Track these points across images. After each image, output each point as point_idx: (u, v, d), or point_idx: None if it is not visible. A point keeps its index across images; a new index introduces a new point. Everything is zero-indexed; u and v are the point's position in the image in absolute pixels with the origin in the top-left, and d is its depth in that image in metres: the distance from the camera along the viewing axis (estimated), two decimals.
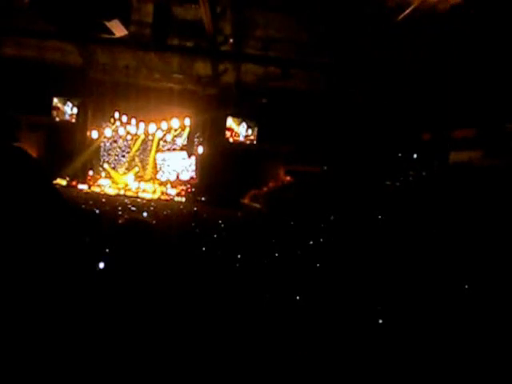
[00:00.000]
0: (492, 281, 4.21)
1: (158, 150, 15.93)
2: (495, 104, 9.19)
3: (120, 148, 15.93)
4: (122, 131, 15.45)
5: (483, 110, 9.47)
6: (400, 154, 11.70)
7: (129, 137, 15.75)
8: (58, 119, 14.82)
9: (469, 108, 9.67)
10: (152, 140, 15.80)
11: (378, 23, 10.08)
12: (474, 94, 9.39)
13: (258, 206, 12.27)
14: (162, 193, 15.23)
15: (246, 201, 13.42)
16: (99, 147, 15.72)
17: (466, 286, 4.11)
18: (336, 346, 3.02)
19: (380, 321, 3.40)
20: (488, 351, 2.80)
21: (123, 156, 15.94)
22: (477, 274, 4.39)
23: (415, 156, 11.46)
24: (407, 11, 9.71)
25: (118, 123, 15.25)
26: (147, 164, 15.95)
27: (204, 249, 5.15)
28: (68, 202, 1.31)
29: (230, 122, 14.90)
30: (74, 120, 14.90)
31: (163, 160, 15.93)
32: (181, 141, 15.82)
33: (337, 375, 2.74)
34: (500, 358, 2.71)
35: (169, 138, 15.72)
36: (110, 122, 15.26)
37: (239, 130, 14.95)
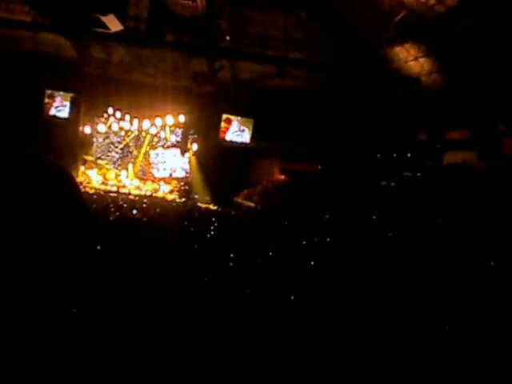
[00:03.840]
0: (487, 279, 4.21)
1: (151, 147, 15.81)
2: (489, 105, 9.23)
3: (113, 144, 15.79)
4: (115, 127, 15.31)
5: (477, 110, 9.51)
6: (395, 154, 11.72)
7: (122, 133, 15.61)
8: (50, 113, 14.68)
9: (464, 109, 9.70)
10: (145, 137, 15.68)
11: (377, 24, 10.08)
12: (470, 95, 9.42)
13: (251, 204, 12.23)
14: (155, 190, 15.14)
15: (239, 199, 13.38)
16: (92, 143, 15.58)
17: (461, 285, 4.11)
18: (330, 345, 2.99)
19: (374, 319, 3.39)
20: (485, 351, 2.79)
21: (116, 152, 15.80)
22: (472, 273, 4.39)
23: (410, 156, 11.49)
24: (403, 13, 9.74)
25: (111, 119, 15.11)
26: (140, 161, 15.84)
27: (197, 247, 5.11)
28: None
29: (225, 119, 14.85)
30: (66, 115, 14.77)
31: (157, 157, 15.82)
32: (175, 138, 15.72)
33: (331, 374, 2.72)
34: (499, 358, 2.70)
35: (163, 134, 15.62)
36: (103, 117, 15.12)
37: (233, 128, 14.90)
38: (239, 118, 14.80)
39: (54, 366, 1.11)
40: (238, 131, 14.88)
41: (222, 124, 14.89)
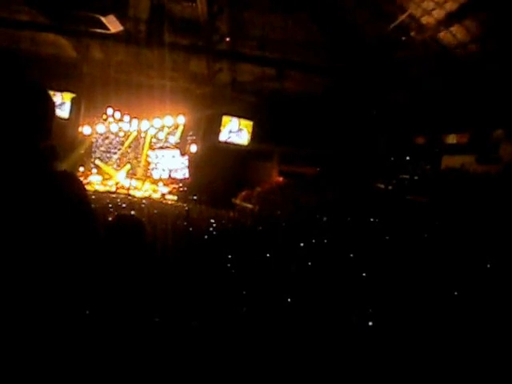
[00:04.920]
0: (483, 282, 4.22)
1: (150, 148, 15.80)
2: (487, 109, 9.25)
3: (112, 144, 15.77)
4: (114, 128, 15.29)
5: (476, 115, 9.53)
6: (393, 157, 11.74)
7: (121, 133, 15.59)
8: None
9: (463, 113, 9.72)
10: (144, 137, 15.67)
11: (376, 27, 10.10)
12: (469, 99, 9.44)
13: (250, 206, 12.23)
14: (154, 191, 15.12)
15: (238, 201, 13.38)
16: (91, 143, 15.56)
17: (458, 288, 4.12)
18: (325, 347, 3.00)
19: (370, 323, 3.39)
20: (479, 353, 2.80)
21: (115, 153, 15.79)
22: (468, 276, 4.40)
23: (408, 159, 11.51)
24: (402, 17, 9.76)
25: (110, 119, 15.09)
26: (139, 161, 15.82)
27: (195, 248, 5.11)
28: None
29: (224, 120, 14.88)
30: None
31: (155, 158, 15.81)
32: (174, 139, 15.71)
33: (327, 373, 2.72)
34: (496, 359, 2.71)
35: (162, 135, 15.60)
36: (102, 118, 15.11)
37: (232, 126, 14.92)
38: (238, 119, 14.81)
39: (61, 363, 1.13)
40: (236, 131, 14.89)
41: (221, 125, 14.91)
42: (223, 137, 15.00)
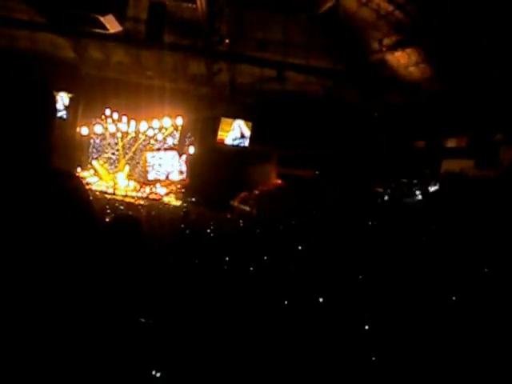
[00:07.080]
0: (482, 286, 4.20)
1: (148, 149, 15.75)
2: (487, 114, 9.26)
3: (110, 145, 15.72)
4: (112, 128, 15.23)
5: (475, 119, 9.53)
6: (392, 161, 11.73)
7: (119, 134, 15.54)
8: None
9: (462, 117, 9.73)
10: (143, 139, 15.62)
11: (377, 29, 10.10)
12: (468, 103, 9.44)
13: (247, 208, 12.20)
14: (152, 192, 15.06)
15: (235, 203, 13.34)
16: (88, 144, 15.49)
17: (455, 294, 4.09)
18: (322, 350, 2.96)
19: (366, 327, 3.36)
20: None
21: (113, 154, 15.72)
22: (467, 280, 4.38)
23: (408, 163, 11.50)
24: (402, 19, 9.76)
25: (109, 120, 15.04)
26: (137, 163, 15.76)
27: (193, 250, 5.07)
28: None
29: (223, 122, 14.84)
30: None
31: (153, 159, 15.75)
32: (172, 140, 15.66)
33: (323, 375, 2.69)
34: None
35: (160, 136, 15.55)
36: (100, 118, 15.06)
37: (231, 131, 14.88)
38: (238, 121, 14.77)
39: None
40: (238, 137, 14.88)
41: (221, 127, 14.86)
42: (222, 139, 14.97)
